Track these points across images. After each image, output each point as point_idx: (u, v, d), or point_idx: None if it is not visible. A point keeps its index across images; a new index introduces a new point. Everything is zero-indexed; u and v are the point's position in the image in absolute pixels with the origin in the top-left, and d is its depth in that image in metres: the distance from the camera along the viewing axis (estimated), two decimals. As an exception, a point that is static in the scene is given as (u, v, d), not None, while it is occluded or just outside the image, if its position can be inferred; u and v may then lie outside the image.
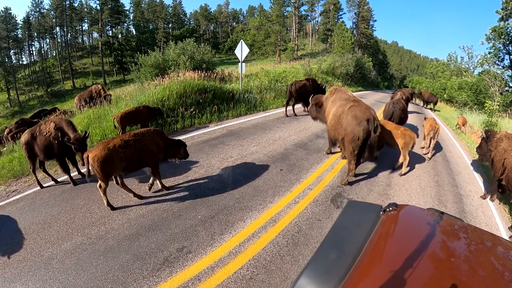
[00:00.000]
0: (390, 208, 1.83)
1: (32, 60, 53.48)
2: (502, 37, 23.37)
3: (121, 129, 6.77)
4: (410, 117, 11.17)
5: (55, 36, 53.91)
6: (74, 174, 5.34)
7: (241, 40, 12.73)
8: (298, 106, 11.50)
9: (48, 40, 56.29)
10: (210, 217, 4.07)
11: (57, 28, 53.44)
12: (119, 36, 53.05)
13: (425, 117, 8.82)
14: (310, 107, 7.08)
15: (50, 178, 5.23)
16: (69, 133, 4.74)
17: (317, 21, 64.37)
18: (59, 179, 5.27)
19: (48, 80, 48.59)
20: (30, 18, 51.14)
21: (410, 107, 15.14)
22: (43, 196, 4.74)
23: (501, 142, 5.81)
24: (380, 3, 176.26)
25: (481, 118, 17.18)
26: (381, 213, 1.81)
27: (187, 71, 13.80)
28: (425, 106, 22.12)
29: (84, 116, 8.46)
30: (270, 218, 4.15)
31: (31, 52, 53.97)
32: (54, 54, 54.60)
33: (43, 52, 55.01)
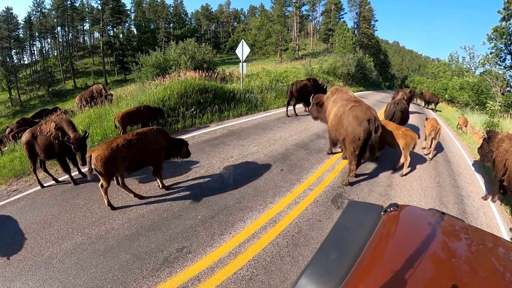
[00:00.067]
0: (391, 209, 1.82)
1: (34, 59, 53.65)
2: (504, 37, 23.30)
3: (122, 129, 6.77)
4: (411, 118, 11.14)
5: (56, 35, 54.10)
6: (74, 173, 5.35)
7: (242, 40, 12.72)
8: (299, 106, 11.48)
9: (49, 40, 56.49)
10: (210, 217, 4.06)
11: (59, 28, 53.62)
12: (120, 36, 53.18)
13: (426, 118, 8.78)
14: (311, 106, 7.06)
15: (50, 178, 5.25)
16: (69, 132, 4.74)
17: (318, 21, 64.45)
18: (59, 179, 5.28)
19: (50, 79, 48.76)
20: (32, 18, 51.30)
21: (412, 108, 15.11)
22: (43, 196, 4.75)
23: (502, 143, 5.79)
24: (382, 3, 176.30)
25: (482, 118, 17.12)
26: (382, 213, 1.81)
27: (188, 71, 13.82)
28: (426, 106, 22.08)
29: (85, 116, 8.47)
30: (270, 218, 4.14)
31: (33, 51, 54.17)
32: (55, 54, 54.86)
33: (44, 51, 55.17)
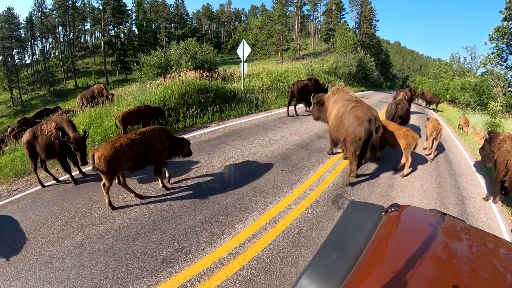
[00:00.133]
0: (392, 209, 1.82)
1: (35, 59, 53.77)
2: (506, 37, 23.23)
3: (122, 129, 6.78)
4: (413, 118, 11.12)
5: (57, 35, 54.15)
6: (75, 173, 5.36)
7: (243, 39, 12.71)
8: (300, 106, 11.47)
9: (50, 40, 56.63)
10: (210, 218, 4.06)
11: (60, 28, 53.66)
12: (122, 36, 53.24)
13: (427, 118, 8.75)
14: (312, 106, 7.05)
15: (51, 177, 5.26)
16: (69, 132, 4.75)
17: (319, 20, 64.28)
18: (60, 178, 5.29)
19: (51, 79, 48.88)
20: (33, 18, 51.37)
21: (413, 108, 15.08)
22: (44, 195, 4.76)
23: (504, 144, 5.77)
24: (383, 3, 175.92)
25: (484, 119, 17.09)
26: (383, 213, 1.80)
27: (189, 70, 13.81)
28: (427, 106, 22.03)
29: (86, 116, 8.47)
30: (270, 219, 4.13)
31: (34, 51, 54.25)
32: (56, 54, 54.96)
33: (45, 51, 55.31)
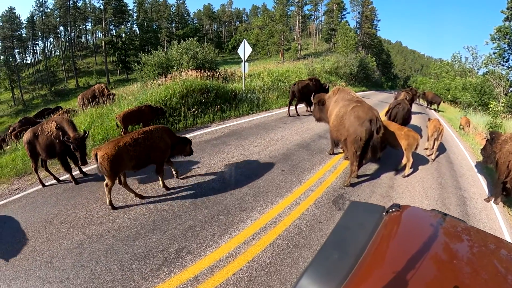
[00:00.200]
0: (393, 209, 1.81)
1: (36, 59, 53.87)
2: (507, 37, 23.16)
3: (123, 129, 6.78)
4: (414, 118, 11.09)
5: (59, 35, 54.25)
6: (75, 173, 5.36)
7: (244, 39, 12.70)
8: (301, 106, 11.44)
9: (52, 40, 56.75)
10: (210, 218, 4.05)
11: (61, 28, 53.75)
12: (123, 36, 53.24)
13: (429, 118, 8.73)
14: (313, 106, 7.03)
15: (52, 177, 5.27)
16: (69, 132, 4.76)
17: (320, 20, 64.09)
18: (61, 178, 5.30)
19: (52, 79, 48.93)
20: (34, 18, 51.51)
21: (414, 108, 15.04)
22: (45, 195, 4.77)
23: (506, 144, 5.74)
24: (384, 2, 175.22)
25: (485, 119, 17.03)
26: (383, 214, 1.80)
27: (189, 70, 13.81)
28: (429, 106, 21.97)
29: (87, 115, 8.48)
30: (270, 219, 4.12)
31: (35, 51, 54.39)
32: (58, 53, 55.06)
33: (47, 51, 55.45)
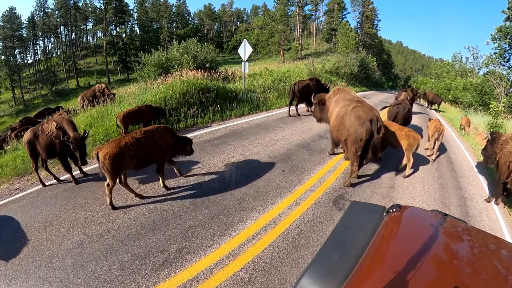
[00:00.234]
0: (394, 209, 1.81)
1: (37, 59, 53.92)
2: (508, 37, 23.11)
3: (123, 128, 6.79)
4: (414, 118, 11.07)
5: (59, 35, 54.28)
6: (76, 173, 5.36)
7: (245, 39, 12.69)
8: (302, 106, 11.43)
9: (52, 39, 56.78)
10: (210, 218, 4.05)
11: (62, 28, 53.82)
12: (123, 35, 53.26)
13: (429, 118, 8.71)
14: (314, 106, 7.02)
15: (52, 177, 5.27)
16: (69, 132, 4.77)
17: (321, 20, 63.97)
18: (61, 178, 5.30)
19: (53, 79, 48.98)
20: (35, 18, 51.55)
21: (415, 108, 15.02)
22: (45, 195, 4.77)
23: (506, 145, 5.72)
24: (385, 2, 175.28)
25: (486, 119, 16.99)
26: (384, 214, 1.80)
27: (190, 70, 13.80)
28: (429, 106, 21.94)
29: (87, 115, 8.48)
30: (270, 219, 4.11)
31: (36, 51, 54.43)
32: (58, 53, 55.12)
33: (47, 51, 55.52)
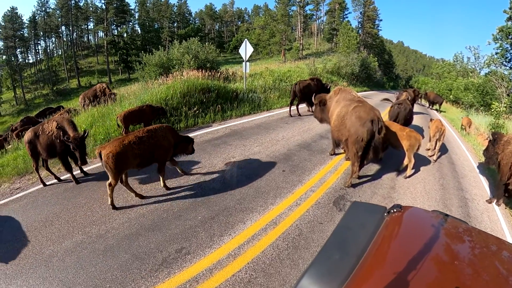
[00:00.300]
0: (395, 210, 1.80)
1: (38, 58, 53.96)
2: (510, 37, 23.01)
3: (124, 128, 6.79)
4: (416, 118, 11.04)
5: (60, 35, 54.35)
6: (76, 172, 5.37)
7: (246, 39, 12.69)
8: (302, 106, 11.42)
9: (53, 39, 56.85)
10: (210, 218, 4.05)
11: (63, 27, 53.88)
12: (125, 35, 53.36)
13: (431, 118, 8.68)
14: (315, 107, 7.00)
15: (53, 176, 5.28)
16: (69, 132, 4.78)
17: (322, 20, 63.92)
18: (62, 177, 5.31)
19: (54, 78, 49.05)
20: (36, 18, 51.59)
21: (416, 108, 14.98)
22: (45, 194, 4.78)
23: (508, 145, 5.69)
24: (386, 2, 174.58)
25: (487, 119, 16.92)
26: (385, 214, 1.79)
27: (191, 70, 13.80)
28: (430, 107, 21.88)
29: (88, 115, 8.49)
30: (270, 220, 4.10)
31: (37, 51, 54.44)
32: (59, 53, 55.16)
33: (49, 51, 55.60)
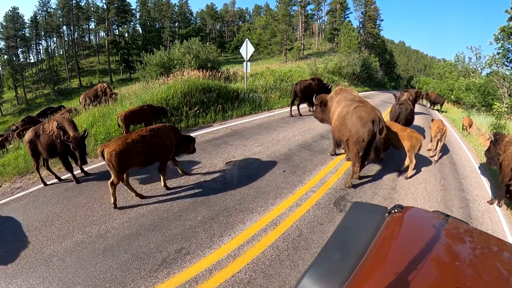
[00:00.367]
0: (395, 210, 1.80)
1: (39, 58, 54.05)
2: (511, 37, 22.90)
3: (125, 128, 6.79)
4: (417, 119, 11.01)
5: (62, 35, 54.51)
6: (77, 172, 5.38)
7: (247, 39, 12.68)
8: (303, 106, 11.41)
9: (55, 39, 56.96)
10: (210, 218, 4.04)
11: (64, 27, 54.04)
12: (126, 35, 53.50)
13: (432, 119, 8.66)
14: (315, 107, 6.99)
15: (53, 176, 5.29)
16: (69, 132, 4.78)
17: (323, 20, 64.07)
18: (62, 177, 5.32)
19: (55, 78, 49.25)
20: (37, 17, 51.73)
21: (417, 108, 14.93)
22: (46, 194, 4.79)
23: (510, 146, 5.67)
24: (387, 2, 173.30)
25: (489, 120, 16.86)
26: (386, 214, 1.79)
27: (192, 70, 13.81)
28: (432, 107, 21.83)
29: (89, 115, 8.49)
30: (270, 220, 4.09)
31: (38, 50, 54.55)
32: (61, 53, 55.30)
33: (50, 50, 55.67)
